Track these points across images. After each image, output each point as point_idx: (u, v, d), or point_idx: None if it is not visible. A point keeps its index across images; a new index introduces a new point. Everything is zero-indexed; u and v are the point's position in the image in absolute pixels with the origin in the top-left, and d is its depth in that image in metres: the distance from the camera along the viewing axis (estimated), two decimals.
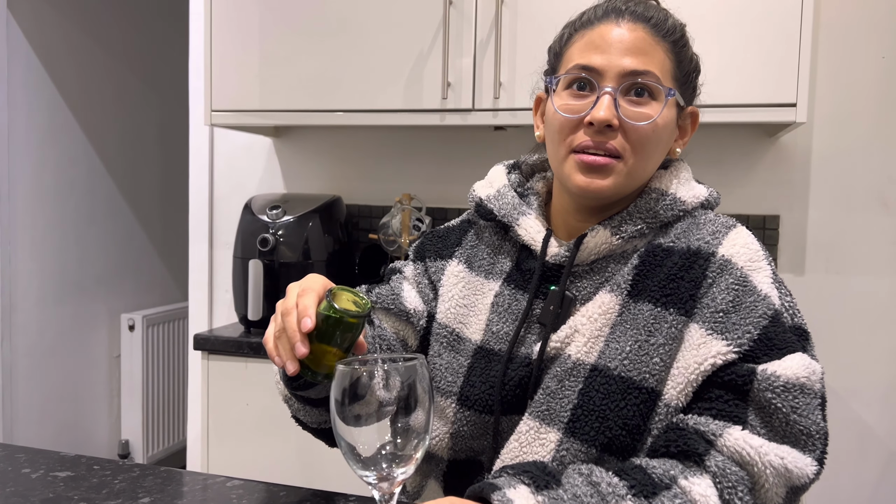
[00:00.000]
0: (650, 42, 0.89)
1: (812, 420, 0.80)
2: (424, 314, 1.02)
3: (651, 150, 0.90)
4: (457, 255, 1.03)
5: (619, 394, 0.85)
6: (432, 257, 1.05)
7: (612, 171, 0.89)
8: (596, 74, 0.89)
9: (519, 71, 1.74)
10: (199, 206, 2.35)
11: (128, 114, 3.25)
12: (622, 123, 0.88)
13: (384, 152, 2.21)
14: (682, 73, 0.93)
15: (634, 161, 0.89)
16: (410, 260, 1.09)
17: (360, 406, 0.67)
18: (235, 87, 1.94)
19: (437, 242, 1.07)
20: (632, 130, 0.88)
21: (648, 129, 0.88)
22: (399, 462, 0.66)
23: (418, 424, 0.66)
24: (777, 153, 1.94)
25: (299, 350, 0.76)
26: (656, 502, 0.74)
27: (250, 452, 1.90)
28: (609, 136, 0.88)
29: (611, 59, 0.88)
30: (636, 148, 0.89)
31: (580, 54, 0.91)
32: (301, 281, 0.84)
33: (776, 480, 0.78)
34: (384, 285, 1.06)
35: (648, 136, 0.89)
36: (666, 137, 0.92)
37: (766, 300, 0.85)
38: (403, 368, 0.66)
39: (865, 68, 1.88)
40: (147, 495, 0.92)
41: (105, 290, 3.18)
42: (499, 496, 0.72)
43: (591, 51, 0.90)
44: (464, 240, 1.04)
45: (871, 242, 1.89)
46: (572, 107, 0.90)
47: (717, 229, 0.91)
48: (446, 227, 1.09)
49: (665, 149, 0.94)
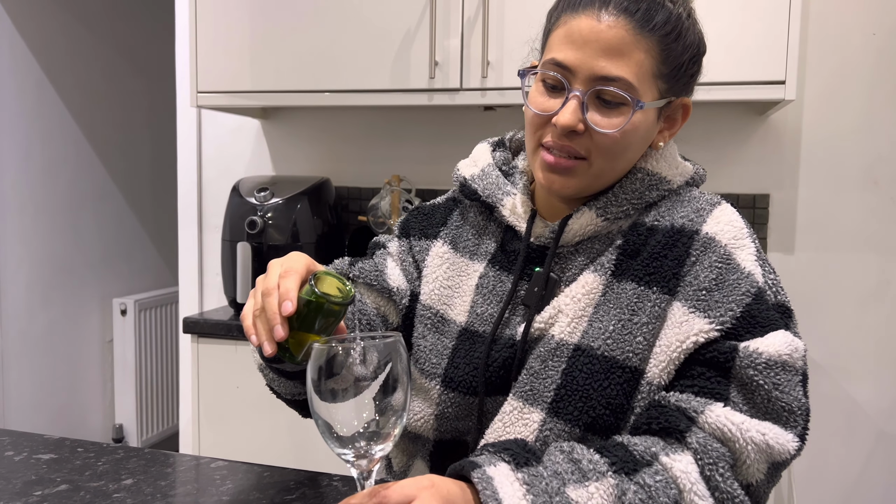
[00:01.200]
0: (630, 40, 0.85)
1: (794, 396, 0.80)
2: (407, 293, 1.02)
3: (618, 152, 0.88)
4: (441, 236, 1.02)
5: (603, 373, 0.84)
6: (417, 235, 1.05)
7: (575, 172, 0.88)
8: (568, 73, 0.86)
9: (507, 50, 1.72)
10: (187, 189, 2.33)
11: (116, 97, 3.22)
12: (588, 128, 0.86)
13: (373, 134, 2.20)
14: (670, 67, 0.88)
15: (600, 163, 0.88)
16: (395, 236, 1.08)
17: (336, 384, 0.66)
18: (222, 68, 1.92)
19: (422, 220, 1.06)
20: (598, 136, 0.86)
21: (615, 136, 0.86)
22: (377, 440, 0.65)
23: (396, 402, 0.66)
24: (767, 132, 1.93)
25: (278, 333, 0.75)
26: (637, 479, 0.74)
27: (241, 434, 1.90)
28: (574, 139, 0.87)
29: (584, 59, 0.85)
30: (601, 152, 0.87)
31: (557, 47, 0.88)
32: (284, 259, 0.82)
33: (757, 456, 0.78)
34: (368, 260, 1.05)
35: (615, 142, 0.87)
36: (639, 139, 0.89)
37: (749, 278, 0.84)
38: (381, 346, 0.66)
39: (856, 45, 1.86)
40: (130, 476, 0.92)
41: (96, 274, 3.16)
42: (479, 473, 0.72)
43: (568, 45, 0.87)
44: (449, 219, 1.04)
45: (861, 221, 1.89)
46: (542, 104, 0.89)
47: (701, 207, 0.90)
48: (432, 205, 1.08)
49: (639, 148, 0.91)
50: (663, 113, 0.92)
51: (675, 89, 0.90)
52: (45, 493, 0.86)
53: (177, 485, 0.90)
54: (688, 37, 0.89)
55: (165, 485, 0.90)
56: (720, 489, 0.76)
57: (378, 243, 1.08)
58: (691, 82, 0.93)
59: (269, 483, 0.91)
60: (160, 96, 3.37)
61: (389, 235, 1.09)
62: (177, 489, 0.89)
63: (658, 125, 0.92)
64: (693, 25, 0.90)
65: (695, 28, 0.90)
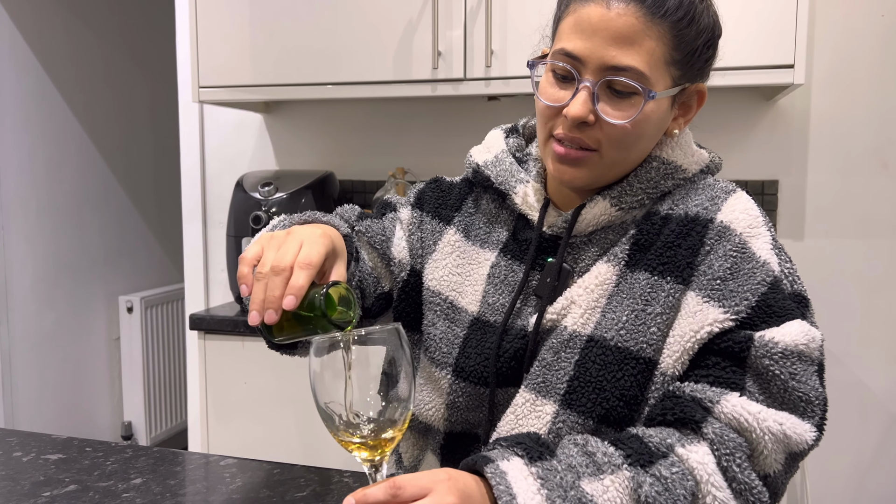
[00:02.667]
0: (641, 28, 0.82)
1: (811, 386, 0.79)
2: (407, 267, 1.00)
3: (630, 143, 0.86)
4: (455, 223, 1.00)
5: (616, 364, 0.83)
6: (431, 213, 1.02)
7: (587, 163, 0.86)
8: (578, 63, 0.84)
9: (510, 39, 1.70)
10: (191, 185, 2.32)
11: (118, 94, 3.21)
12: (599, 119, 0.84)
13: (376, 126, 2.18)
14: (683, 53, 0.85)
15: (612, 153, 0.86)
16: (409, 203, 1.04)
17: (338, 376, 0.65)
18: (223, 63, 1.90)
19: (438, 197, 1.03)
20: (609, 127, 0.84)
21: (627, 127, 0.84)
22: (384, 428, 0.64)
23: (402, 392, 0.64)
24: (775, 117, 1.91)
25: (269, 316, 0.72)
26: (653, 471, 0.73)
27: (250, 430, 1.89)
28: (584, 131, 0.85)
29: (593, 49, 0.83)
30: (613, 143, 0.85)
31: (567, 36, 0.86)
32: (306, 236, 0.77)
33: (775, 447, 0.76)
34: (376, 220, 1.01)
35: (627, 133, 0.85)
36: (652, 128, 0.87)
37: (765, 267, 0.83)
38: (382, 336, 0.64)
39: (864, 28, 1.84)
40: (139, 476, 0.91)
41: (101, 272, 3.16)
42: (492, 468, 0.71)
43: (577, 34, 0.85)
44: (463, 205, 1.01)
45: (872, 205, 1.87)
46: (553, 95, 0.87)
47: (715, 195, 0.88)
48: (449, 183, 1.05)
49: (654, 137, 0.89)
50: (677, 100, 0.89)
51: (689, 75, 0.88)
52: (54, 494, 0.85)
53: (186, 483, 0.89)
54: (702, 20, 0.86)
55: (175, 483, 0.89)
56: (737, 480, 0.75)
57: (389, 204, 1.05)
58: (706, 67, 0.90)
59: (278, 480, 0.90)
60: (162, 93, 3.36)
61: (400, 198, 1.06)
62: (186, 488, 0.88)
63: (672, 112, 0.90)
64: (707, 8, 0.87)
65: (709, 10, 0.87)
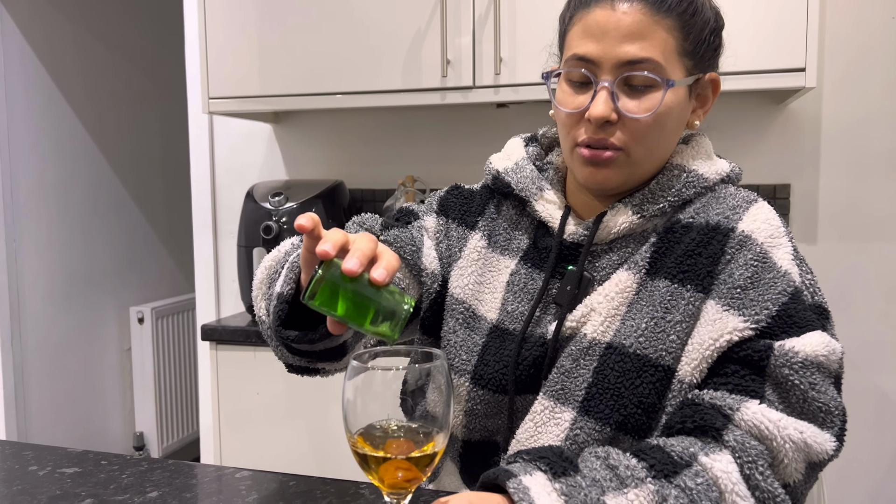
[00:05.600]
0: (649, 23, 0.84)
1: (830, 396, 0.78)
2: (439, 278, 0.98)
3: (655, 138, 0.87)
4: (479, 228, 0.99)
5: (635, 371, 0.82)
6: (457, 221, 1.01)
7: (615, 163, 0.87)
8: (593, 66, 0.85)
9: (519, 46, 1.70)
10: (201, 196, 2.33)
11: (128, 105, 3.23)
12: (621, 117, 0.85)
13: (385, 135, 2.18)
14: (693, 43, 0.87)
15: (638, 151, 0.86)
16: (433, 210, 1.03)
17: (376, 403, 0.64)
18: (232, 74, 1.91)
19: (462, 204, 1.02)
20: (632, 123, 0.85)
21: (649, 120, 0.85)
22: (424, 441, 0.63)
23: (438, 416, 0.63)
24: (786, 121, 1.90)
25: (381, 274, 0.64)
26: (678, 482, 0.72)
27: (262, 441, 1.89)
28: (609, 131, 0.85)
29: (606, 49, 0.84)
30: (638, 139, 0.86)
31: (577, 42, 0.87)
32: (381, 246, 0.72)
33: (795, 455, 0.76)
34: (403, 229, 0.99)
35: (650, 127, 0.85)
36: (673, 121, 0.88)
37: (785, 277, 0.82)
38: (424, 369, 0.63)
39: (874, 31, 1.83)
40: (155, 489, 0.91)
41: (113, 283, 3.17)
42: (514, 483, 0.70)
43: (587, 38, 0.86)
44: (486, 211, 1.01)
45: (884, 208, 1.86)
46: (571, 102, 0.88)
47: (737, 204, 0.88)
48: (470, 190, 1.04)
49: (676, 130, 0.90)
50: (693, 91, 0.90)
51: (701, 65, 0.89)
52: None
53: (202, 496, 0.89)
54: (704, 12, 0.88)
55: (190, 497, 0.89)
56: (760, 488, 0.74)
57: (412, 212, 1.03)
58: (715, 56, 0.91)
59: (294, 493, 0.89)
60: (171, 104, 3.38)
61: (421, 206, 1.05)
62: (202, 501, 0.87)
63: (690, 105, 0.91)
64: (707, 0, 0.89)
65: (709, 2, 0.90)
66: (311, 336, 0.81)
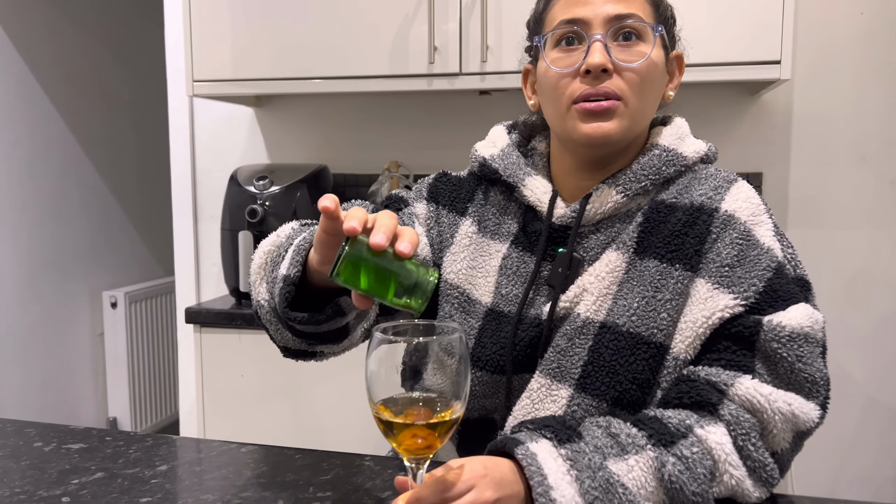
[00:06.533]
0: None
1: (816, 367, 0.83)
2: (430, 263, 1.02)
3: (648, 89, 0.92)
4: (470, 214, 1.02)
5: (629, 349, 0.87)
6: (447, 207, 1.04)
7: (615, 113, 0.90)
8: (583, 25, 0.90)
9: (505, 33, 1.73)
10: (181, 179, 2.32)
11: (100, 88, 3.18)
12: (616, 67, 0.89)
13: (368, 120, 2.20)
14: (662, 17, 0.95)
15: (634, 101, 0.91)
16: (423, 197, 1.05)
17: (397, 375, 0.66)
18: (217, 57, 1.90)
19: (451, 191, 1.05)
20: (626, 72, 0.90)
21: (643, 69, 0.90)
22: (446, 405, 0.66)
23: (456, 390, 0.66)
24: (759, 111, 1.97)
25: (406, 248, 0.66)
26: (675, 450, 0.77)
27: (247, 423, 1.90)
28: (605, 80, 0.89)
29: (595, 9, 0.90)
30: (634, 88, 0.90)
31: (563, 11, 0.92)
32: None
33: (784, 426, 0.81)
34: None
35: (643, 76, 0.90)
36: (659, 77, 0.94)
37: (769, 253, 0.87)
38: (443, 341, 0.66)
39: (844, 25, 1.90)
40: (164, 463, 0.93)
41: (85, 268, 3.13)
42: (522, 450, 0.74)
43: (574, 5, 0.91)
44: (475, 197, 1.04)
45: (851, 196, 1.94)
46: (565, 60, 0.92)
47: (718, 184, 0.93)
48: (457, 177, 1.07)
49: (659, 90, 0.95)
50: (666, 64, 0.96)
51: (670, 41, 0.97)
52: (83, 482, 0.87)
53: (210, 469, 0.91)
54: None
55: (200, 470, 0.91)
56: (752, 458, 0.79)
57: (401, 199, 1.06)
58: (674, 42, 0.99)
59: (301, 465, 0.92)
60: (145, 86, 3.34)
61: (409, 192, 1.07)
62: (211, 473, 0.90)
63: (666, 75, 0.97)
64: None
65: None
66: (317, 317, 0.83)
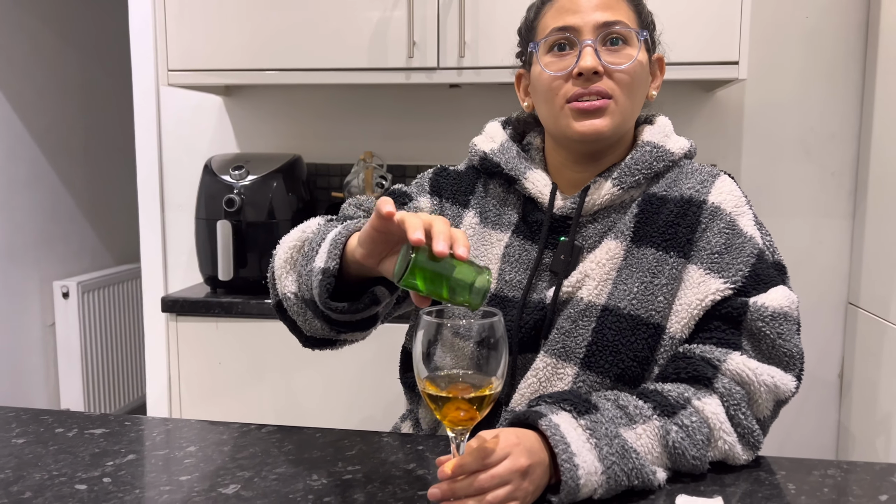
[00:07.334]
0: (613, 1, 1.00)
1: (793, 343, 0.94)
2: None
3: (635, 89, 1.01)
4: (472, 206, 1.09)
5: (630, 330, 0.95)
6: (450, 200, 1.10)
7: (606, 111, 0.99)
8: (574, 32, 0.99)
9: (482, 30, 1.80)
10: (148, 168, 2.30)
11: (48, 73, 3.10)
12: (606, 69, 0.98)
13: (338, 110, 2.23)
14: (644, 23, 1.04)
15: (623, 100, 0.99)
16: (426, 191, 1.11)
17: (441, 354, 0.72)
18: (193, 46, 1.91)
19: (452, 184, 1.11)
20: (616, 73, 0.98)
21: (630, 70, 0.99)
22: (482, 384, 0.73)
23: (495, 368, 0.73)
24: (713, 107, 2.09)
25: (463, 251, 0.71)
26: (677, 419, 0.86)
27: (227, 409, 1.93)
28: (597, 81, 0.98)
29: (584, 17, 0.98)
30: (623, 88, 0.99)
31: (554, 20, 1.00)
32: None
33: (767, 396, 0.91)
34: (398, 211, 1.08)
35: (631, 76, 0.99)
36: (644, 78, 1.03)
37: (751, 241, 0.97)
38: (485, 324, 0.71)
39: (791, 28, 2.04)
40: (191, 444, 0.97)
41: (34, 257, 3.06)
42: (546, 421, 0.82)
43: (565, 14, 1.00)
44: (475, 189, 1.10)
45: (797, 187, 2.09)
46: (558, 64, 1.00)
47: (704, 178, 1.02)
48: (457, 171, 1.13)
49: (645, 90, 1.04)
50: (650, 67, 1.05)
51: (652, 45, 1.06)
52: (118, 463, 0.90)
53: (238, 448, 0.96)
54: (646, 5, 1.07)
55: (229, 449, 0.95)
56: (742, 426, 0.89)
57: (405, 194, 1.10)
58: (654, 45, 1.08)
59: (325, 443, 0.97)
60: (96, 72, 3.27)
61: (412, 188, 1.11)
62: (242, 452, 0.94)
63: (649, 76, 1.05)
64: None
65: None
66: (357, 305, 0.89)
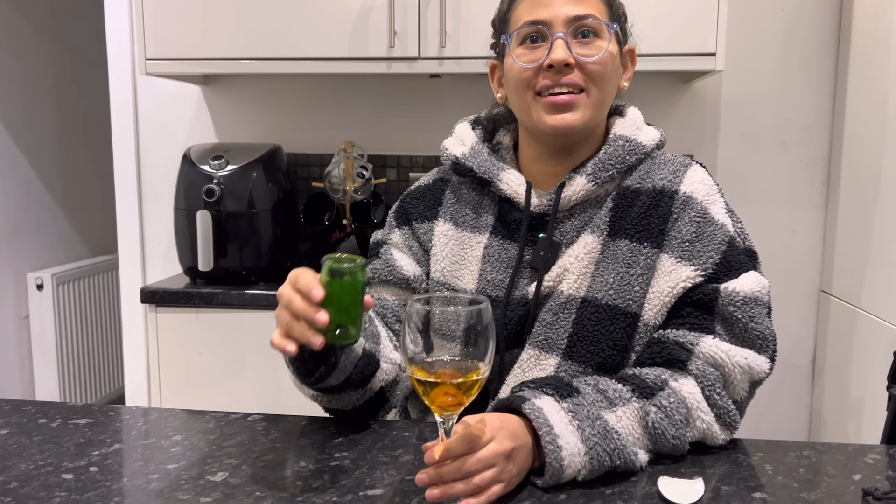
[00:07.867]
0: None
1: (765, 326, 0.97)
2: (423, 277, 1.10)
3: (606, 80, 1.02)
4: (441, 215, 1.10)
5: (608, 320, 0.97)
6: (418, 219, 1.12)
7: (578, 105, 1.00)
8: (545, 25, 1.00)
9: (463, 20, 1.80)
10: (124, 158, 2.28)
11: (20, 61, 3.05)
12: (577, 61, 0.99)
13: (319, 100, 2.23)
14: (615, 15, 1.05)
15: (595, 92, 1.01)
16: (394, 226, 1.14)
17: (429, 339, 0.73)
18: (172, 36, 1.89)
19: (418, 204, 1.13)
20: (587, 65, 0.99)
21: (601, 62, 1.00)
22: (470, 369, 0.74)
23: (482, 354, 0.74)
24: (691, 98, 2.12)
25: (321, 319, 0.78)
26: (655, 401, 0.88)
27: (208, 399, 1.93)
28: (568, 73, 0.99)
29: (555, 10, 0.99)
30: (594, 80, 1.00)
31: (526, 13, 1.01)
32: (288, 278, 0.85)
33: (742, 377, 0.94)
34: (376, 259, 1.11)
35: (603, 68, 1.00)
36: (615, 70, 1.04)
37: (722, 228, 1.00)
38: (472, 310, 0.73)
39: (767, 20, 2.07)
40: (176, 433, 0.97)
41: (7, 249, 3.02)
42: (529, 406, 0.83)
43: (536, 7, 1.01)
44: (443, 199, 1.12)
45: (771, 177, 2.12)
46: (530, 56, 1.01)
47: (676, 169, 1.04)
48: (419, 188, 1.15)
49: (616, 81, 1.06)
50: (621, 59, 1.06)
51: (623, 37, 1.07)
52: (104, 453, 0.90)
53: (226, 437, 0.96)
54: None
55: (216, 438, 0.96)
56: (717, 405, 0.91)
57: (379, 241, 1.14)
58: (626, 37, 1.09)
59: (311, 430, 0.98)
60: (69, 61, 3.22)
61: (383, 230, 1.15)
62: (229, 440, 0.95)
63: (620, 67, 1.06)
64: None
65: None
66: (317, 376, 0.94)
